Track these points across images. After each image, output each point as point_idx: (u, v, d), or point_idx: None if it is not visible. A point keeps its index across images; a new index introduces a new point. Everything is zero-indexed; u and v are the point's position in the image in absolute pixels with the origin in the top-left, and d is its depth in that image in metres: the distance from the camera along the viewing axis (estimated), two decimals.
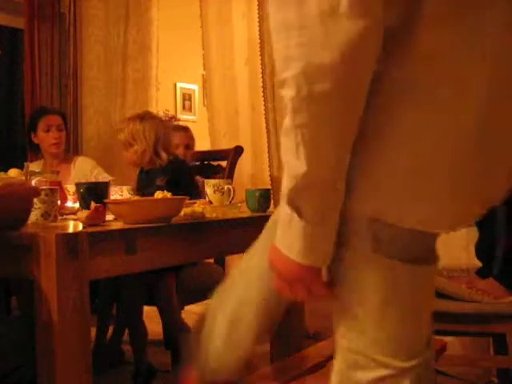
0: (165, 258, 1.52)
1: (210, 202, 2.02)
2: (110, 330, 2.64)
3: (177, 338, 2.41)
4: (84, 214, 1.53)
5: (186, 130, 3.06)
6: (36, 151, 3.09)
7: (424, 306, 1.00)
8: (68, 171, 3.00)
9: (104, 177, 2.93)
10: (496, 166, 0.91)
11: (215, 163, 3.18)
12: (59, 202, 1.69)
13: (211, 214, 1.69)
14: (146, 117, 2.49)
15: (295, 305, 1.78)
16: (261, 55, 3.58)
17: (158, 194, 1.62)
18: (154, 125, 2.45)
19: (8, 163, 2.23)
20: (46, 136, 2.96)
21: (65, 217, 1.84)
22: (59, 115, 3.06)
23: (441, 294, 1.92)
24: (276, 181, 3.23)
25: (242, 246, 1.16)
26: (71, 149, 3.73)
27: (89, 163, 3.08)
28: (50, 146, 2.96)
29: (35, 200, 1.51)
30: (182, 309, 2.64)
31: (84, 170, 3.02)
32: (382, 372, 0.93)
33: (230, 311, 1.17)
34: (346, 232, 0.90)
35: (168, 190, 1.67)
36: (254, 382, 1.35)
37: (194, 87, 5.40)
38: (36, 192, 1.45)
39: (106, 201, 1.61)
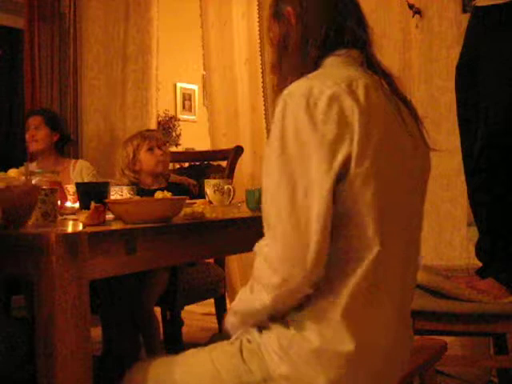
0: (165, 257, 1.52)
1: (210, 202, 2.02)
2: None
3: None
4: (84, 214, 1.53)
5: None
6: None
7: None
8: (66, 173, 2.98)
9: None
10: None
11: (215, 163, 3.18)
12: (59, 202, 1.69)
13: (211, 214, 1.68)
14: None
15: None
16: (261, 55, 3.58)
17: (158, 194, 1.62)
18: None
19: (8, 164, 2.22)
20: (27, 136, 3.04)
21: (65, 217, 1.84)
22: (39, 115, 3.08)
23: (441, 294, 1.92)
24: None
25: (242, 246, 1.16)
26: (71, 149, 3.72)
27: (90, 170, 3.07)
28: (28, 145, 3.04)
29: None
30: (182, 309, 2.63)
31: (82, 175, 3.02)
32: None
33: None
34: None
35: None
36: None
37: (194, 87, 5.40)
38: (38, 190, 1.45)
39: (106, 201, 1.61)
